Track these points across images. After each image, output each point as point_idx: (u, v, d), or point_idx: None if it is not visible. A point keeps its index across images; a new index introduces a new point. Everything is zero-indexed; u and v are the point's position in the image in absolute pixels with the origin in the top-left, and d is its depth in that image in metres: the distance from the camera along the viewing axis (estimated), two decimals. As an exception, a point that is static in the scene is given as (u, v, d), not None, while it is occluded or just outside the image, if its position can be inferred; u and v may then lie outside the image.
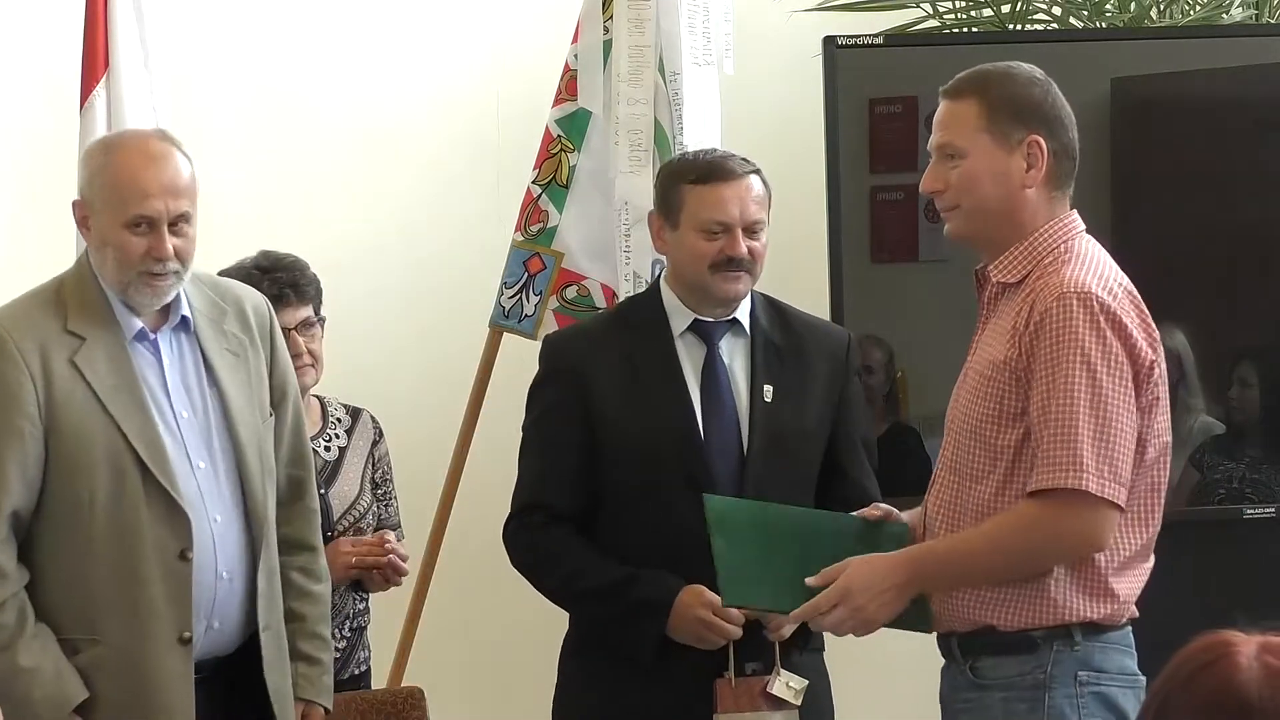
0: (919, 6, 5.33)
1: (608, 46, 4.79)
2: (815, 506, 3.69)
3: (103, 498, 3.43)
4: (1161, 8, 5.33)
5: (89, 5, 4.72)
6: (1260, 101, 4.83)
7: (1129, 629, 3.35)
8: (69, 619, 3.44)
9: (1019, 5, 5.29)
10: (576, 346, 3.85)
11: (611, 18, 4.78)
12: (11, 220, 5.30)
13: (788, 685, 3.66)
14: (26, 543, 3.45)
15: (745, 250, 3.74)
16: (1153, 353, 3.24)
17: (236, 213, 5.26)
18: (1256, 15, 5.33)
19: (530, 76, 5.29)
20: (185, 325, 3.56)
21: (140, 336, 3.52)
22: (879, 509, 3.47)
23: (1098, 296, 3.19)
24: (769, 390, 3.77)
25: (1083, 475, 3.14)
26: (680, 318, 3.79)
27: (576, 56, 4.84)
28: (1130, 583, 3.30)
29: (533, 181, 4.87)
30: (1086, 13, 5.32)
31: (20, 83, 5.26)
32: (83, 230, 3.55)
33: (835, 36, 4.77)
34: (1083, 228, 3.35)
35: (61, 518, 3.44)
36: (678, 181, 3.80)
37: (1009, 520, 3.23)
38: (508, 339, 4.87)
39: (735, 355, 3.80)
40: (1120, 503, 3.18)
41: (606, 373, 3.75)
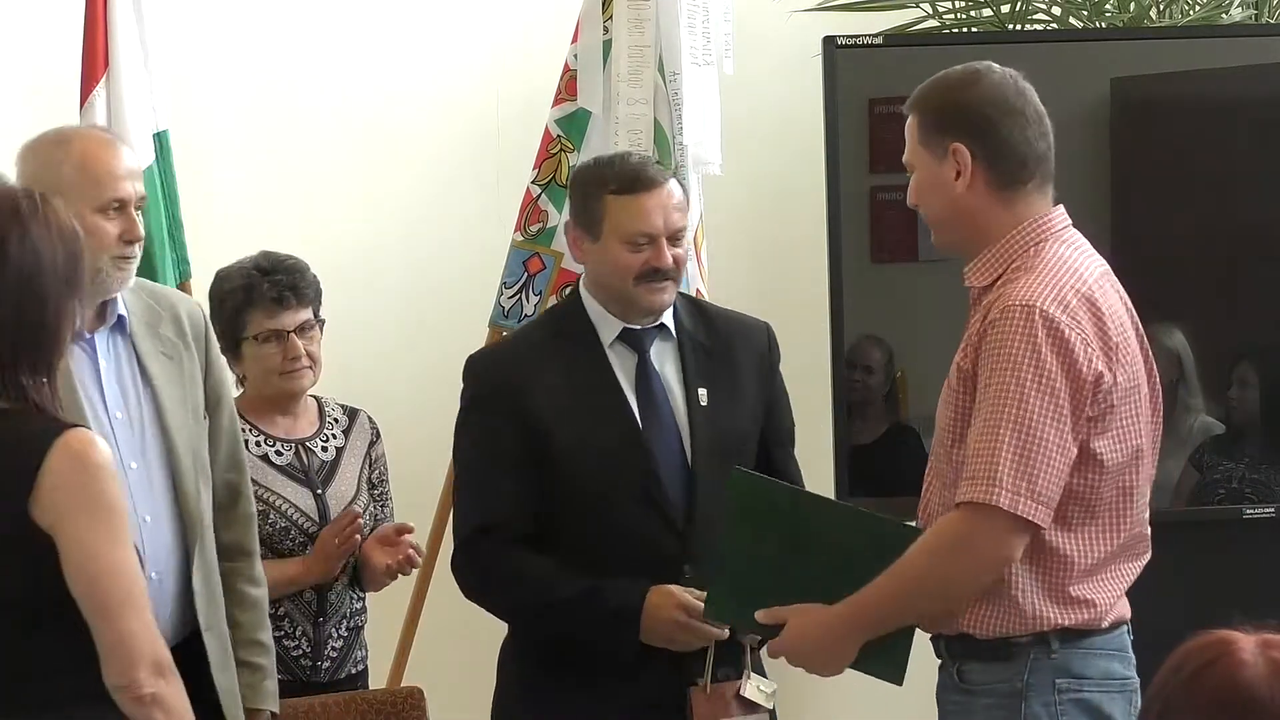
0: (919, 6, 5.33)
1: (607, 46, 4.79)
2: None
3: None
4: (1161, 8, 5.33)
5: (89, 5, 4.71)
6: (1260, 101, 4.83)
7: (1117, 633, 3.33)
8: None
9: (1019, 5, 5.29)
10: (506, 364, 3.74)
11: (611, 18, 4.78)
12: (11, 220, 5.29)
13: (759, 689, 3.65)
14: None
15: (671, 260, 3.68)
16: (1104, 364, 3.19)
17: (236, 213, 5.26)
18: (1256, 15, 5.33)
19: (530, 76, 5.29)
20: (121, 327, 3.57)
21: (77, 336, 3.50)
22: None
23: (1042, 310, 3.15)
24: (703, 393, 3.73)
25: (995, 490, 3.12)
26: (609, 327, 3.72)
27: (576, 56, 4.84)
28: (1105, 588, 3.28)
29: (533, 181, 4.87)
30: (1086, 13, 5.32)
31: (20, 83, 5.26)
32: None
33: (835, 36, 4.77)
34: (1059, 227, 3.31)
35: None
36: (598, 191, 3.69)
37: (918, 549, 3.21)
38: (507, 339, 4.87)
39: (666, 360, 3.75)
40: (1035, 519, 3.14)
41: (543, 388, 3.65)
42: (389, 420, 4.54)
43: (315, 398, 4.36)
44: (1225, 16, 5.29)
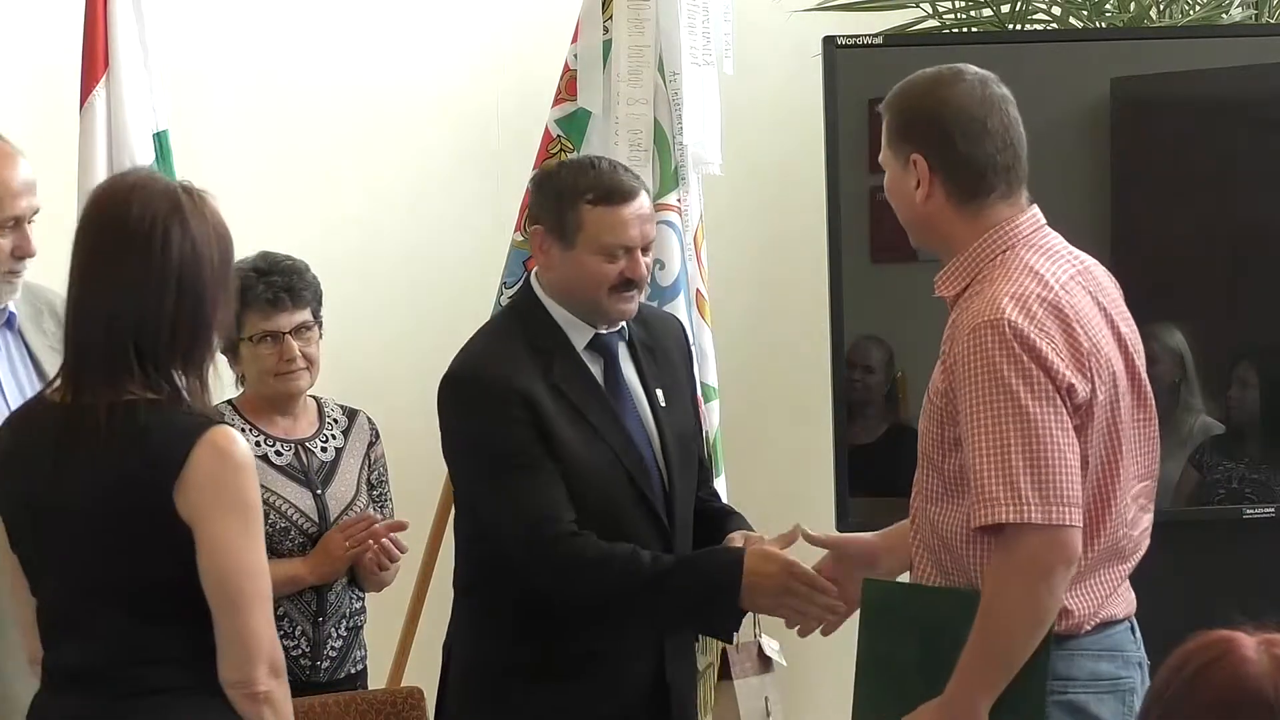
0: (919, 6, 5.33)
1: (607, 46, 4.79)
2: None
3: None
4: (1161, 8, 5.33)
5: (89, 5, 4.72)
6: (1260, 101, 4.83)
7: (1106, 633, 3.30)
8: None
9: (1019, 5, 5.29)
10: (506, 372, 3.61)
11: (611, 18, 4.78)
12: (11, 220, 5.30)
13: (772, 647, 3.71)
14: None
15: (644, 270, 3.66)
16: (1073, 373, 3.16)
17: (235, 213, 5.22)
18: (1256, 15, 5.34)
19: (530, 76, 5.29)
20: (10, 323, 3.57)
21: None
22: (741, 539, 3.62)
23: (1010, 322, 3.13)
24: (660, 395, 3.73)
25: (1024, 509, 3.10)
26: (579, 334, 3.68)
27: (576, 56, 4.84)
28: (1084, 597, 3.25)
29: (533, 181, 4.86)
30: (1086, 13, 5.32)
31: (20, 83, 5.25)
32: None
33: (835, 36, 4.77)
34: (1028, 231, 3.27)
35: None
36: (574, 199, 3.63)
37: (993, 594, 3.17)
38: (507, 339, 4.87)
39: (626, 364, 3.74)
40: (1071, 522, 3.13)
41: (541, 398, 3.60)
42: (388, 421, 4.54)
43: (315, 398, 4.36)
44: (1225, 16, 5.29)
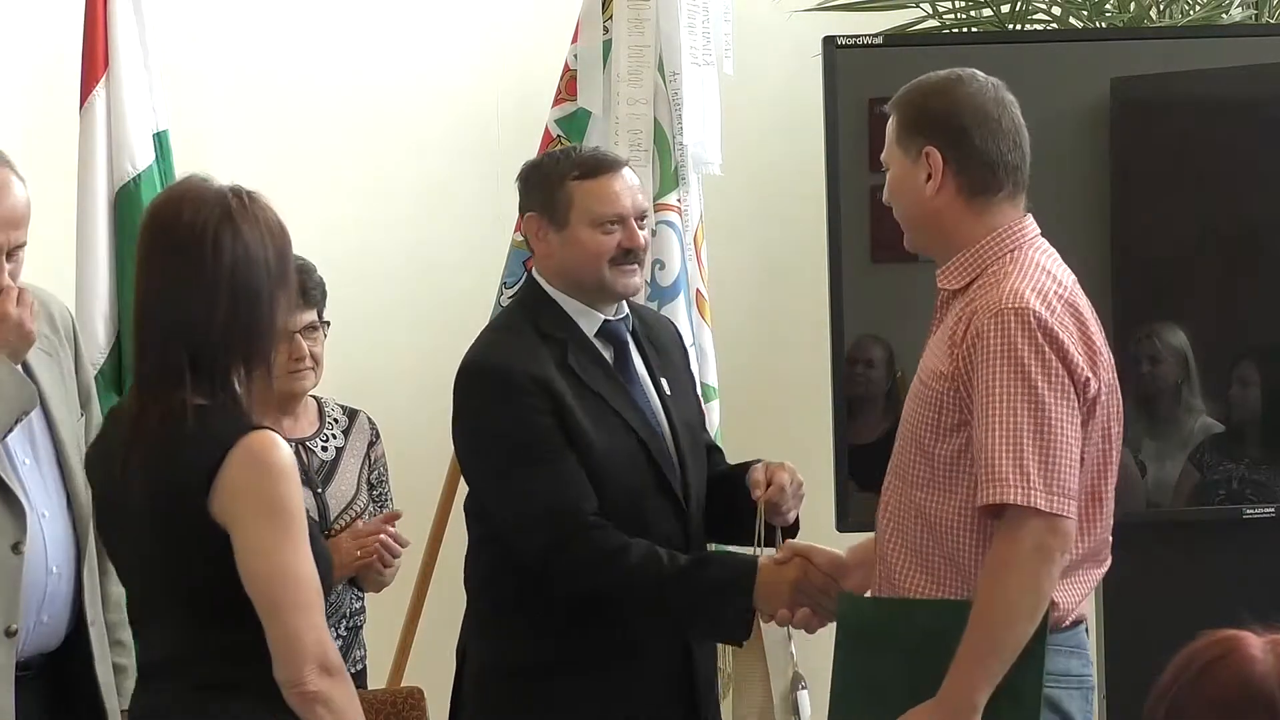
0: (919, 6, 5.33)
1: (607, 46, 4.80)
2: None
3: None
4: (1161, 8, 5.33)
5: (89, 5, 4.72)
6: (1260, 101, 4.83)
7: (1076, 630, 3.36)
8: None
9: (1019, 5, 5.29)
10: (521, 361, 3.61)
11: (611, 18, 4.79)
12: (11, 220, 5.30)
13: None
14: None
15: (641, 240, 3.68)
16: (1089, 369, 3.22)
17: (236, 213, 5.25)
18: (1256, 15, 5.33)
19: (530, 76, 5.29)
20: None
21: None
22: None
23: (1034, 312, 3.18)
24: (665, 383, 3.75)
25: (1032, 494, 3.14)
26: (589, 321, 3.69)
27: (576, 56, 4.84)
28: (1071, 591, 3.30)
29: (533, 181, 4.86)
30: (1086, 13, 5.32)
31: (20, 83, 5.26)
32: None
33: (835, 36, 4.76)
34: (1032, 235, 3.34)
35: None
36: (560, 179, 3.67)
37: (987, 590, 3.19)
38: (507, 339, 4.87)
39: (634, 352, 3.76)
40: (1069, 513, 3.18)
41: (558, 384, 3.60)
42: (388, 421, 4.54)
43: (315, 398, 4.37)
44: (1225, 16, 5.29)
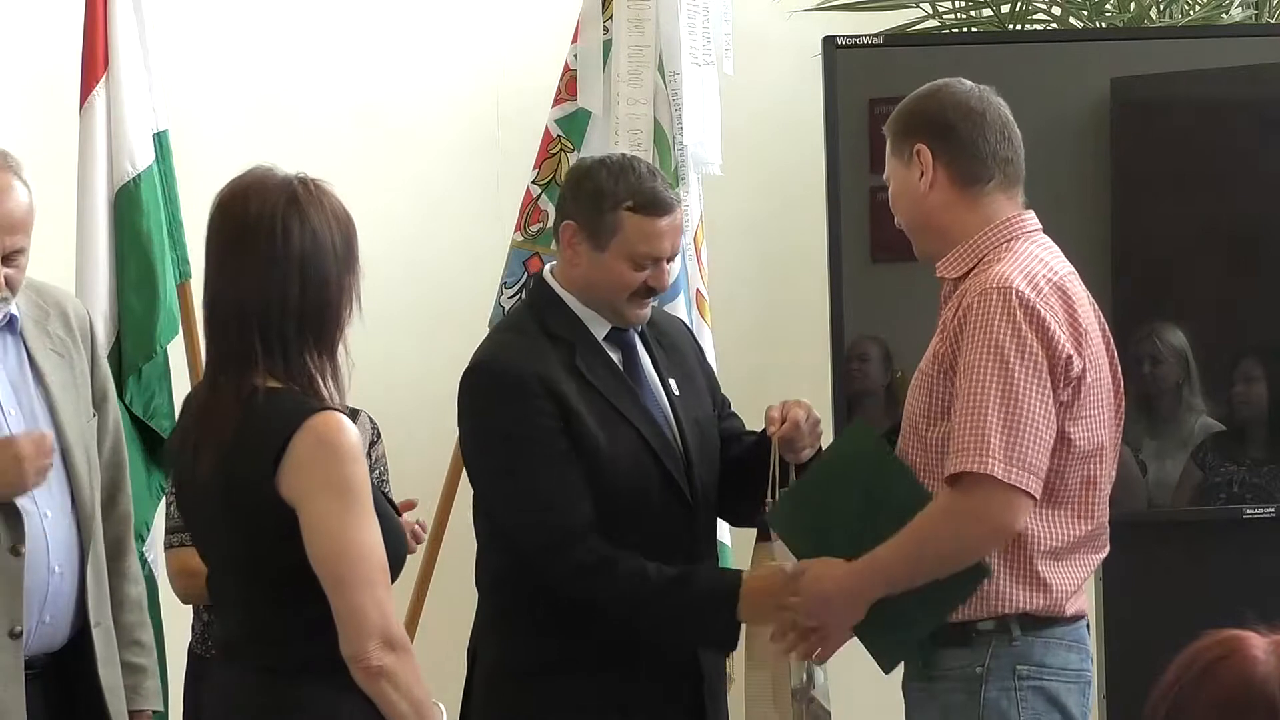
0: (919, 6, 5.33)
1: (607, 46, 4.79)
2: (721, 477, 3.76)
3: None
4: (1161, 8, 5.33)
5: (89, 5, 4.72)
6: (1260, 101, 4.83)
7: (1077, 625, 3.42)
8: None
9: (1019, 5, 5.29)
10: (529, 362, 3.60)
11: (611, 18, 4.78)
12: (11, 220, 5.30)
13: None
14: None
15: (668, 282, 3.69)
16: (1075, 350, 3.30)
17: (236, 213, 5.25)
18: (1256, 15, 5.33)
19: (530, 76, 5.29)
20: (11, 326, 3.56)
21: None
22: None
23: (1018, 291, 3.28)
24: (673, 383, 3.75)
25: (988, 461, 3.22)
26: (598, 326, 3.68)
27: (576, 56, 4.84)
28: (1067, 574, 3.37)
29: (532, 181, 4.87)
30: (1086, 13, 5.32)
31: (20, 83, 5.26)
32: None
33: (835, 36, 4.76)
34: (1031, 228, 3.43)
35: None
36: (614, 203, 3.61)
37: (926, 515, 3.30)
38: (508, 339, 4.87)
39: (642, 354, 3.76)
40: (1029, 490, 3.25)
41: (565, 385, 3.60)
42: (389, 420, 4.54)
43: (315, 398, 4.36)
44: (1225, 16, 5.29)
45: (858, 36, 4.79)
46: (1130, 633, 4.68)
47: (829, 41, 4.75)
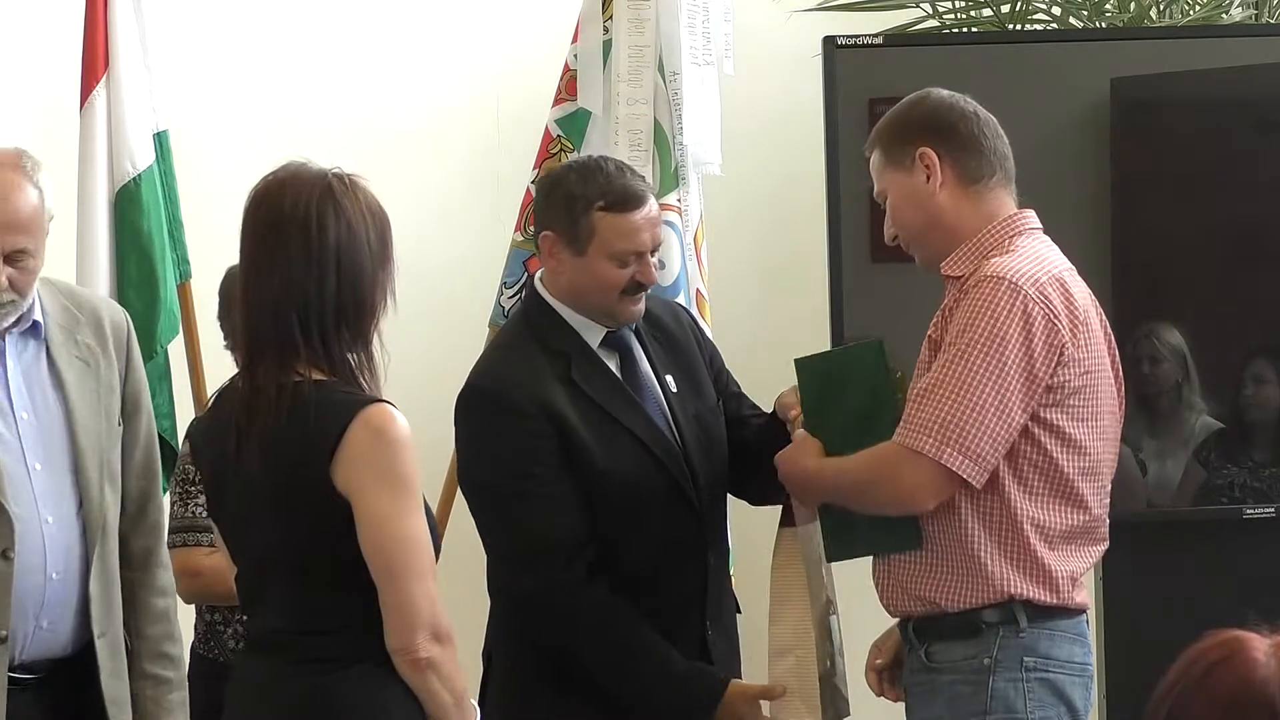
0: (919, 6, 5.33)
1: (607, 46, 4.79)
2: (732, 458, 3.79)
3: None
4: (1161, 8, 5.33)
5: (89, 5, 4.73)
6: (1260, 101, 4.83)
7: (1080, 619, 3.44)
8: None
9: (1019, 5, 5.29)
10: (526, 381, 3.60)
11: (611, 18, 4.79)
12: (11, 220, 5.30)
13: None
14: None
15: (655, 275, 3.67)
16: (1069, 338, 3.34)
17: (236, 213, 5.25)
18: (1256, 15, 5.33)
19: (530, 76, 5.29)
20: (35, 330, 3.54)
21: None
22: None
23: (1010, 282, 3.32)
24: (670, 381, 3.74)
25: (924, 439, 3.29)
26: (592, 333, 3.68)
27: (576, 56, 4.84)
28: (1067, 563, 3.39)
29: (532, 182, 4.86)
30: (1086, 13, 5.32)
31: (20, 83, 5.26)
32: None
33: (835, 36, 4.77)
34: (1032, 226, 3.47)
35: None
36: (585, 206, 3.61)
37: (870, 453, 3.40)
38: (508, 339, 4.87)
39: (640, 356, 3.75)
40: (961, 472, 3.29)
41: (563, 403, 3.59)
42: (389, 420, 4.53)
43: (315, 398, 4.36)
44: (1225, 16, 5.29)
45: (858, 36, 4.79)
46: (1130, 632, 4.68)
47: (829, 41, 4.75)
